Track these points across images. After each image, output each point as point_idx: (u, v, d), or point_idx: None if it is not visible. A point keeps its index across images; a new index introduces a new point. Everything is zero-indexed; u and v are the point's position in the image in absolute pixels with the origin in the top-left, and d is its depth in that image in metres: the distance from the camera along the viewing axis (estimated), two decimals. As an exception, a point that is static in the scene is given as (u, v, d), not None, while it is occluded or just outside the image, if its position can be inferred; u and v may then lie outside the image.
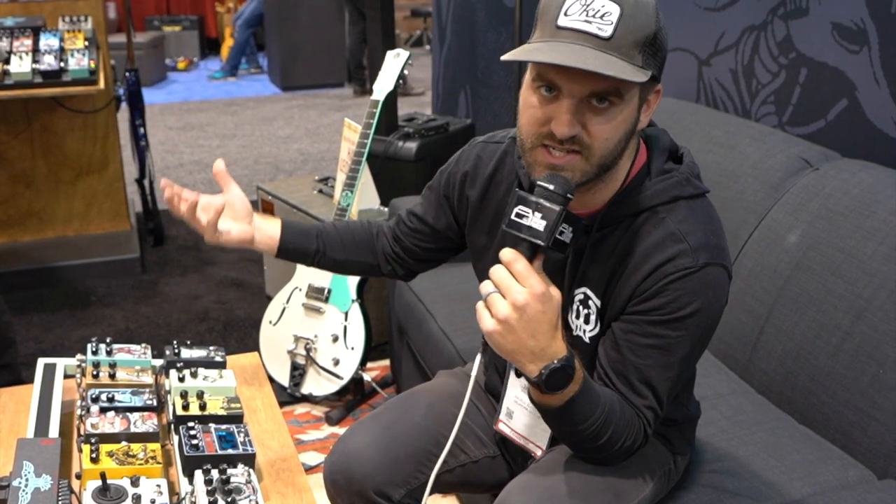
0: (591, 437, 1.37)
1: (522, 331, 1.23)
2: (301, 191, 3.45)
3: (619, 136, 1.30)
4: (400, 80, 2.94)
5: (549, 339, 1.25)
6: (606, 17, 1.23)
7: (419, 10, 10.13)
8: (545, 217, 1.24)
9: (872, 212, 1.89)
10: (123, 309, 3.69)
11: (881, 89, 2.14)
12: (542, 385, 1.27)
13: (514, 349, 1.25)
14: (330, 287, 2.82)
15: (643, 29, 1.24)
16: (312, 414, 2.88)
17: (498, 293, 1.24)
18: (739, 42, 2.59)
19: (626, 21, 1.23)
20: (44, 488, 1.34)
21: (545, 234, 1.23)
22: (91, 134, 4.06)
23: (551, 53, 1.23)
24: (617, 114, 1.28)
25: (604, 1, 1.23)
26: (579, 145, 1.28)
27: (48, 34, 3.42)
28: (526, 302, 1.21)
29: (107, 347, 1.75)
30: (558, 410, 1.33)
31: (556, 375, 1.27)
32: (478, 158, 1.59)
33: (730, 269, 1.39)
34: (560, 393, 1.29)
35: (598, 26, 1.23)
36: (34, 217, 4.11)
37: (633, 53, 1.24)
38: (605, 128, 1.28)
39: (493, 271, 1.24)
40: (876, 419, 1.76)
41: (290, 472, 1.60)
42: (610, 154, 1.31)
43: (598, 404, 1.34)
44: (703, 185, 1.43)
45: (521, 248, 1.25)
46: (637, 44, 1.25)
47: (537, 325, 1.23)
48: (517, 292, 1.22)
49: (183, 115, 7.27)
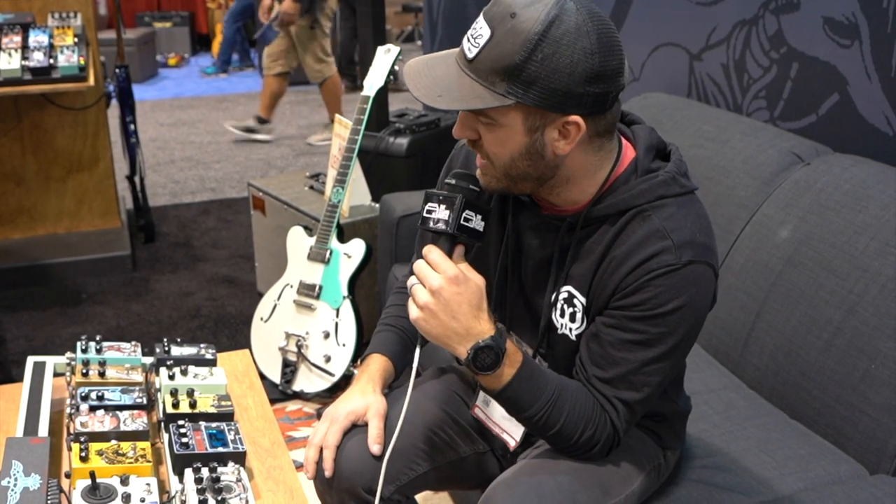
0: (542, 423, 1.41)
1: (442, 313, 1.34)
2: (292, 187, 3.44)
3: (508, 153, 1.34)
4: (391, 76, 2.94)
5: (470, 319, 1.34)
6: (477, 40, 1.28)
7: (410, 6, 10.12)
8: (448, 207, 1.36)
9: (864, 206, 1.90)
10: (114, 306, 3.67)
11: (872, 84, 2.14)
12: (471, 365, 1.36)
13: (440, 332, 1.35)
14: (321, 284, 2.81)
15: (504, 58, 1.25)
16: (304, 411, 2.87)
17: (419, 284, 1.36)
18: (731, 37, 2.59)
19: (490, 47, 1.26)
20: (33, 487, 1.33)
21: (449, 222, 1.36)
22: (81, 131, 4.04)
23: (416, 66, 1.35)
24: (497, 131, 1.33)
25: (483, 23, 1.28)
26: (481, 151, 1.37)
27: (37, 31, 3.40)
28: (440, 286, 1.33)
29: (96, 345, 1.74)
30: (500, 394, 1.40)
31: (484, 353, 1.35)
32: (466, 158, 1.60)
33: (716, 268, 1.39)
34: (493, 374, 1.37)
35: (469, 47, 1.29)
36: (24, 214, 4.09)
37: (494, 80, 1.27)
38: (490, 141, 1.35)
39: (415, 266, 1.37)
40: (867, 414, 1.76)
41: (281, 469, 1.59)
42: (512, 168, 1.36)
43: (543, 390, 1.40)
44: (691, 183, 1.43)
45: (440, 242, 1.37)
46: (496, 71, 1.26)
47: (456, 306, 1.33)
48: (432, 278, 1.34)
49: (174, 112, 7.25)
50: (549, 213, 1.45)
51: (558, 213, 1.43)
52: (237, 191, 5.21)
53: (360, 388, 1.59)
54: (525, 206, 1.48)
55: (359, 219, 3.11)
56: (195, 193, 5.19)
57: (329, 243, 2.84)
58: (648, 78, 3.00)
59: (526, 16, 1.24)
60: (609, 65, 1.26)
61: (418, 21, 10.07)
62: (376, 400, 1.57)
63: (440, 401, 1.66)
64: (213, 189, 5.27)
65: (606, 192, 1.40)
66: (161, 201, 5.00)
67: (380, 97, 3.08)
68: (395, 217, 2.74)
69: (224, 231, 4.55)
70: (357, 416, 1.56)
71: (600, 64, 1.25)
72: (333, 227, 2.84)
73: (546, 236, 1.46)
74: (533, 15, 1.23)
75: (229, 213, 4.80)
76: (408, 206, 2.75)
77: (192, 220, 4.72)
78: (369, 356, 1.66)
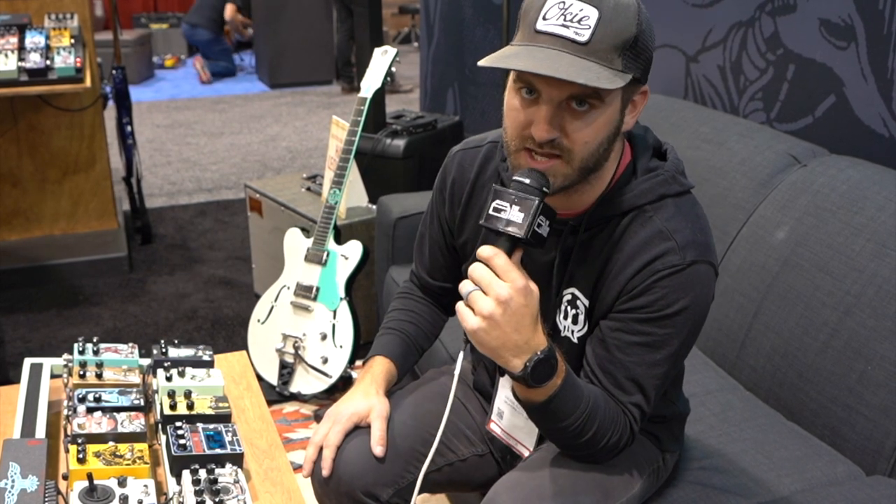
0: (576, 432, 1.37)
1: (507, 325, 1.24)
2: (289, 188, 3.44)
3: (600, 139, 1.30)
4: (388, 78, 2.94)
5: (531, 331, 1.26)
6: (584, 22, 1.23)
7: (407, 7, 10.12)
8: (523, 209, 1.25)
9: (860, 208, 1.90)
10: (111, 308, 3.67)
11: (868, 85, 2.14)
12: (528, 378, 1.28)
13: (499, 345, 1.26)
14: (318, 285, 2.81)
15: (622, 33, 1.24)
16: (301, 413, 2.87)
17: (479, 291, 1.25)
18: (727, 38, 2.60)
19: (603, 25, 1.23)
20: (30, 489, 1.33)
21: (524, 226, 1.24)
22: (78, 132, 4.04)
23: (526, 60, 1.23)
24: (597, 116, 1.28)
25: (582, 5, 1.23)
26: (559, 149, 1.29)
27: (34, 32, 3.40)
28: (510, 296, 1.22)
29: (94, 347, 1.74)
30: (542, 406, 1.34)
31: (541, 367, 1.28)
32: (460, 166, 1.60)
33: (716, 267, 1.40)
34: (544, 386, 1.30)
35: (575, 31, 1.23)
36: (21, 216, 4.08)
37: (612, 57, 1.24)
38: (585, 131, 1.28)
39: (473, 269, 1.26)
40: (864, 415, 1.76)
41: (279, 471, 1.59)
42: (592, 157, 1.31)
43: (581, 399, 1.35)
44: (689, 182, 1.43)
45: (500, 243, 1.26)
46: (616, 48, 1.24)
47: (521, 318, 1.24)
48: (500, 287, 1.23)
49: (170, 113, 7.24)
50: None
51: (562, 217, 1.43)
52: (234, 192, 5.21)
53: (364, 389, 1.59)
54: None
55: (356, 220, 3.11)
56: (192, 195, 5.18)
57: (326, 245, 2.84)
58: (645, 80, 3.00)
59: None
60: None
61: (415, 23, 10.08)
62: (379, 402, 1.57)
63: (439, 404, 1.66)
64: (209, 190, 5.27)
65: (608, 193, 1.40)
66: (158, 203, 5.00)
67: (377, 99, 3.08)
68: (392, 219, 2.74)
69: (221, 232, 4.55)
70: (360, 418, 1.56)
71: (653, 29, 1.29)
72: (330, 229, 2.84)
73: (548, 240, 1.46)
74: None
75: (226, 215, 4.80)
76: (405, 208, 2.75)
77: (188, 221, 4.72)
78: (372, 358, 1.66)
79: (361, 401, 1.57)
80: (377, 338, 1.71)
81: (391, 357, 1.65)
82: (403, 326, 1.69)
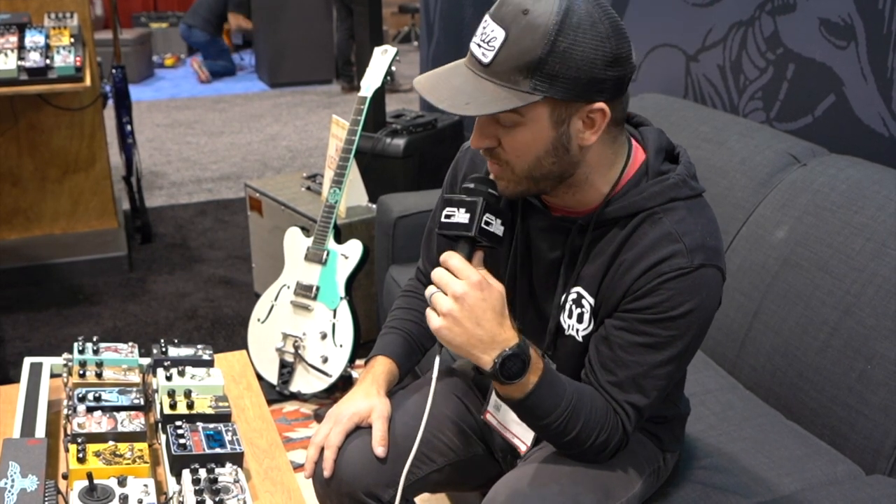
0: (559, 430, 1.39)
1: (466, 320, 1.29)
2: (289, 188, 3.44)
3: (535, 152, 1.32)
4: (388, 77, 2.94)
5: (495, 325, 1.30)
6: (491, 43, 1.27)
7: (407, 7, 10.12)
8: (469, 210, 1.34)
9: (860, 207, 1.90)
10: (111, 307, 3.67)
11: (868, 85, 2.14)
12: (498, 374, 1.32)
13: (464, 342, 1.31)
14: (318, 284, 2.81)
15: (526, 54, 1.24)
16: (301, 412, 2.87)
17: (440, 292, 1.31)
18: (727, 38, 2.60)
19: (507, 47, 1.25)
20: (30, 489, 1.33)
21: (471, 226, 1.33)
22: (78, 131, 4.04)
23: (429, 81, 1.33)
24: (522, 132, 1.31)
25: (494, 26, 1.27)
26: (498, 159, 1.35)
27: (34, 31, 3.40)
28: (465, 291, 1.29)
29: (93, 346, 1.74)
30: (520, 403, 1.37)
31: (510, 362, 1.31)
32: (472, 161, 1.60)
33: (724, 271, 1.39)
34: (518, 383, 1.34)
35: (483, 51, 1.28)
36: (21, 215, 4.08)
37: (516, 78, 1.26)
38: (514, 145, 1.32)
39: (433, 273, 1.33)
40: (864, 415, 1.76)
41: (279, 470, 1.59)
42: (535, 168, 1.34)
43: (562, 398, 1.37)
44: (700, 186, 1.43)
45: (459, 247, 1.34)
46: (519, 69, 1.25)
47: (480, 312, 1.29)
48: (455, 284, 1.30)
49: (170, 113, 7.24)
50: (560, 214, 1.45)
51: (569, 215, 1.43)
52: (234, 192, 5.21)
53: (365, 389, 1.59)
54: (535, 209, 1.48)
55: (356, 220, 3.10)
56: (192, 194, 5.18)
57: (326, 244, 2.84)
58: (645, 79, 3.00)
59: (539, 10, 1.24)
60: (623, 47, 1.27)
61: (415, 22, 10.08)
62: (380, 402, 1.57)
63: (440, 403, 1.66)
64: (209, 190, 5.27)
65: (618, 194, 1.39)
66: (158, 202, 5.00)
67: (377, 98, 3.07)
68: (392, 218, 2.74)
69: (221, 232, 4.55)
70: (361, 418, 1.56)
71: (616, 47, 1.26)
72: (330, 228, 2.84)
73: (556, 239, 1.46)
74: (546, 8, 1.24)
75: (226, 214, 4.80)
76: (405, 207, 2.75)
77: (188, 220, 4.72)
78: (374, 358, 1.66)
79: (362, 401, 1.57)
80: (380, 337, 1.71)
81: (393, 357, 1.65)
82: (406, 325, 1.70)
